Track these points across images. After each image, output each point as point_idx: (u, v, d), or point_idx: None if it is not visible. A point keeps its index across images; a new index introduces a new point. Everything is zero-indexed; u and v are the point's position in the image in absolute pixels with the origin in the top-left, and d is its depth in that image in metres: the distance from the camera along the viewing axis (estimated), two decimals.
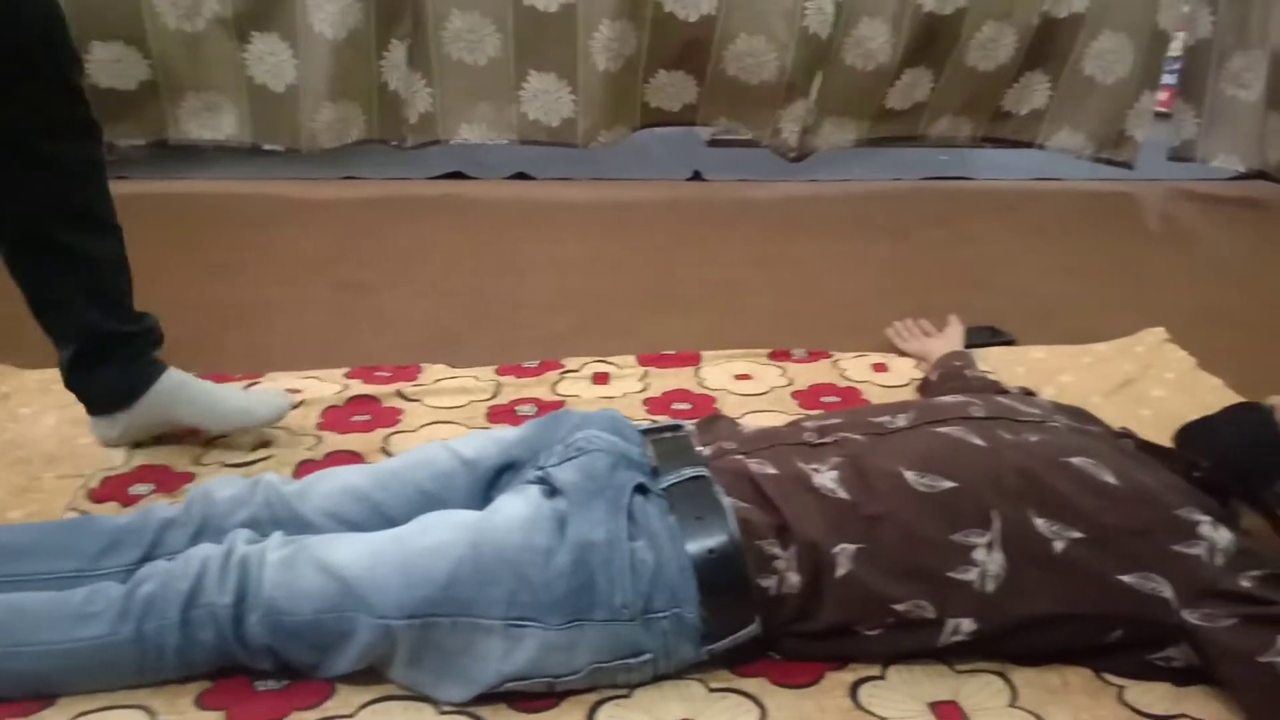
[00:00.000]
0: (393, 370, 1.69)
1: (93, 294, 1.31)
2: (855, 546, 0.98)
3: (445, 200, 2.99)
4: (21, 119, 1.19)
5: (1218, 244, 2.91)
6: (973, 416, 1.09)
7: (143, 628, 0.93)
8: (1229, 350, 1.89)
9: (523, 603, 0.93)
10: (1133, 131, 3.29)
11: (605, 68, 2.92)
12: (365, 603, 0.93)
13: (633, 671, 0.97)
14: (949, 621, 0.99)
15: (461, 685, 0.94)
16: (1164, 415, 1.58)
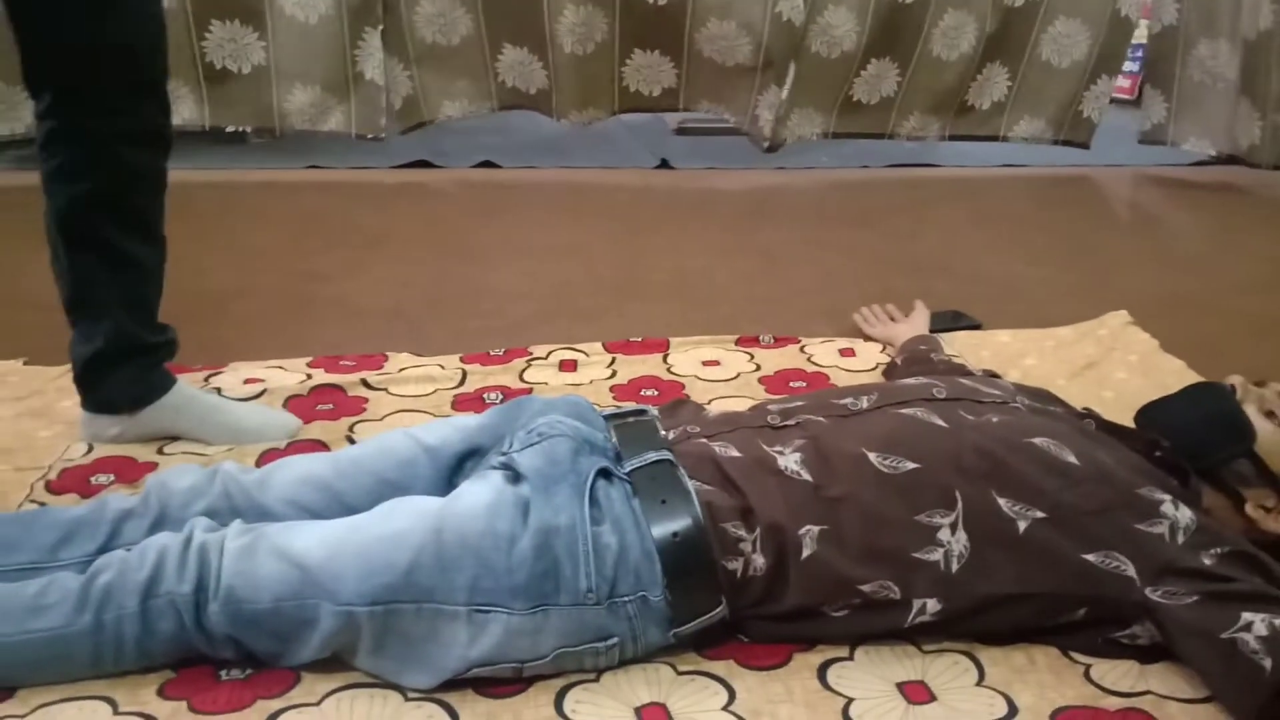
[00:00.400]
0: (357, 359, 1.67)
1: (129, 299, 1.33)
2: (819, 528, 0.98)
3: (409, 189, 2.96)
4: (112, 122, 1.21)
5: (1183, 228, 2.94)
6: (935, 398, 1.10)
7: (101, 618, 0.91)
8: (1191, 333, 1.91)
9: (486, 589, 0.92)
10: (1089, 113, 3.34)
11: (573, 50, 2.92)
12: (326, 590, 0.92)
13: (600, 656, 0.96)
14: (915, 602, 0.99)
15: (427, 672, 0.93)
16: (1126, 396, 1.60)
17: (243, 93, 2.83)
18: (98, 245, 1.28)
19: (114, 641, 0.92)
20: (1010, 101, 3.33)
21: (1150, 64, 3.48)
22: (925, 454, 1.01)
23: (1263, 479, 1.08)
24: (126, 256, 1.30)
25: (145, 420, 1.38)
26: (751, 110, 3.02)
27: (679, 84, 3.06)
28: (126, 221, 1.29)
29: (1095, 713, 0.95)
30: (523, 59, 2.98)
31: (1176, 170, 3.47)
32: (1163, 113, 3.43)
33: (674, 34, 2.95)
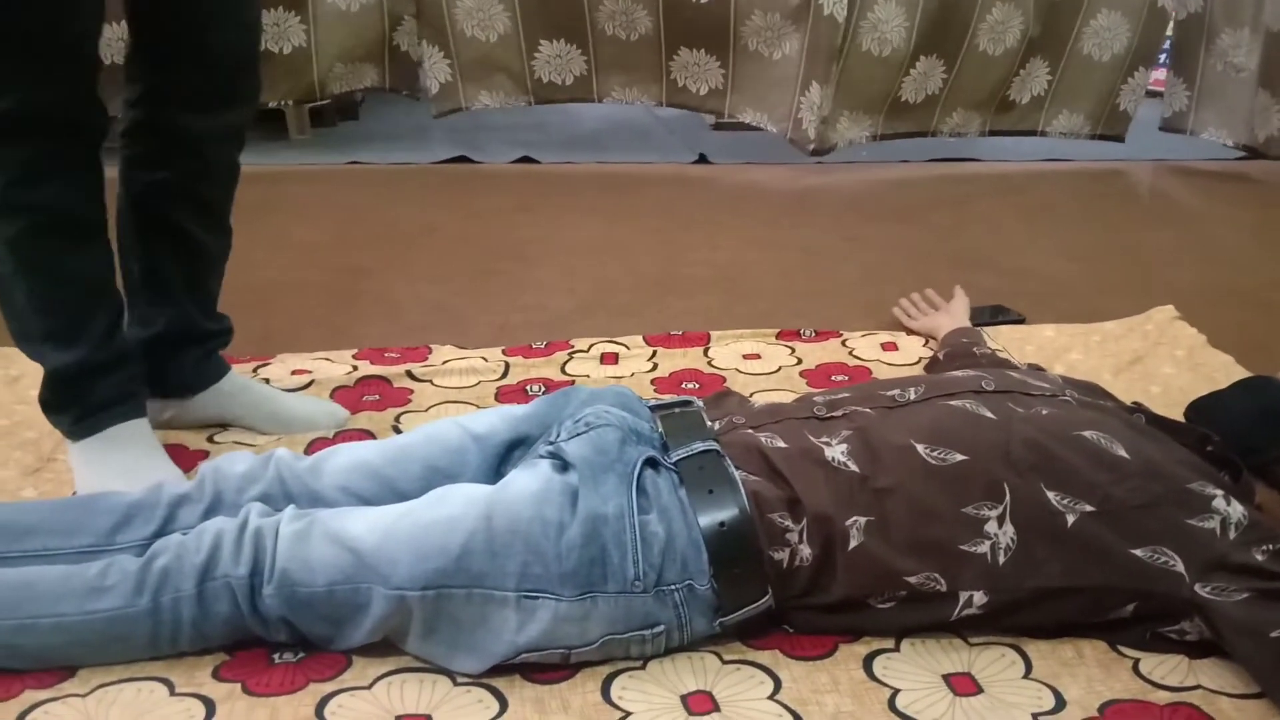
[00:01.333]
0: (401, 351, 1.69)
1: (193, 286, 1.37)
2: (866, 519, 0.98)
3: (449, 183, 2.98)
4: (200, 120, 1.26)
5: (1221, 222, 2.90)
6: (984, 390, 1.09)
7: (158, 600, 0.93)
8: (1236, 327, 1.89)
9: (535, 575, 0.93)
10: (1126, 105, 3.32)
11: (615, 34, 2.95)
12: (379, 574, 0.93)
13: (646, 643, 0.97)
14: (961, 595, 0.99)
15: (476, 657, 0.94)
16: (1173, 391, 1.58)
17: (283, 71, 2.90)
18: (169, 232, 1.32)
19: (171, 623, 0.94)
20: (1050, 96, 3.30)
21: (1174, 52, 3.45)
22: (974, 446, 1.01)
23: None
24: (195, 244, 1.34)
25: (198, 406, 1.41)
26: (794, 114, 3.01)
27: (726, 86, 3.07)
28: (199, 211, 1.33)
29: (1144, 706, 0.94)
30: (560, 51, 3.01)
31: (1210, 164, 3.43)
32: (1184, 100, 3.40)
33: (719, 25, 2.97)
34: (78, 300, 1.21)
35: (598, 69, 3.06)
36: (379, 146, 3.31)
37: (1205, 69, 3.33)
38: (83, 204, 1.17)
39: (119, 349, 1.26)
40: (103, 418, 1.26)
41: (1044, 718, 0.93)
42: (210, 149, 1.30)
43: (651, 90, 3.11)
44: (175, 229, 1.32)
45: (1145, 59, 3.28)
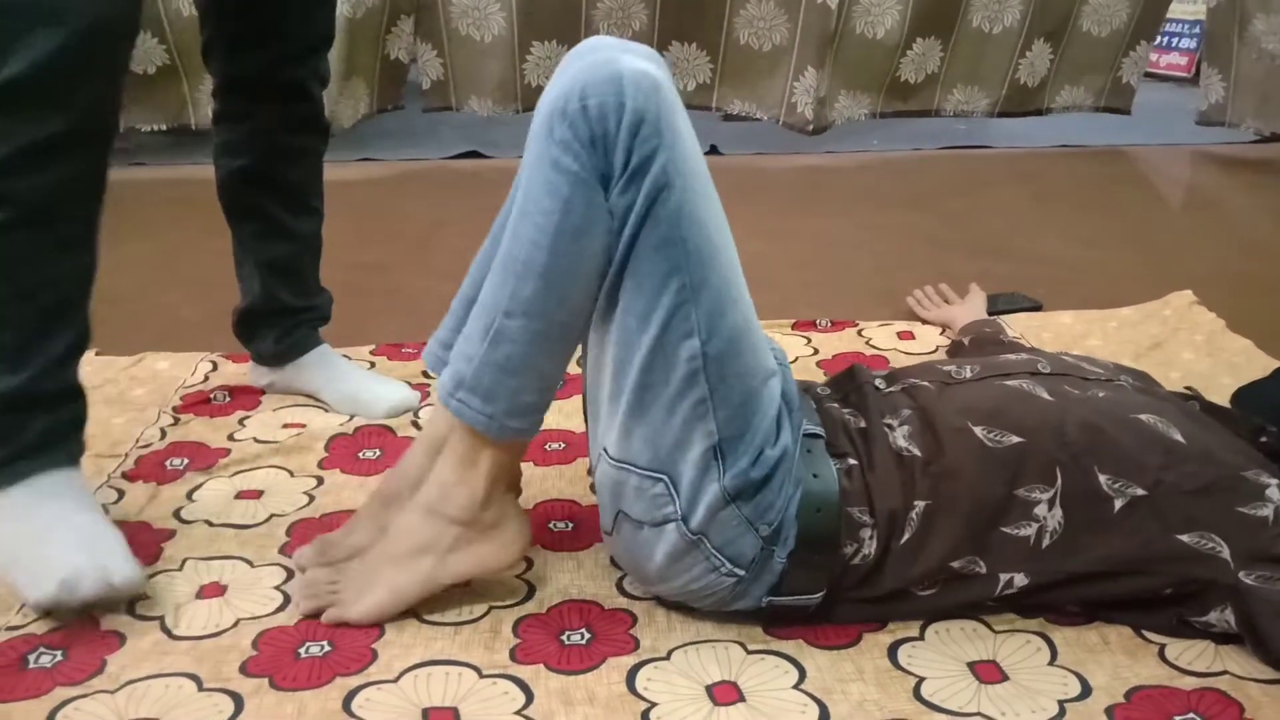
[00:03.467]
0: (418, 347, 1.69)
1: (276, 264, 1.44)
2: (924, 503, 0.98)
3: (461, 179, 2.98)
4: (275, 110, 1.34)
5: (1240, 207, 2.88)
6: (1039, 372, 1.08)
7: None
8: (1253, 313, 1.87)
9: (733, 451, 0.93)
10: (1129, 79, 3.33)
11: (609, 32, 2.94)
12: None
13: (716, 584, 0.97)
14: (1001, 576, 0.98)
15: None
16: (1193, 377, 1.57)
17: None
18: (253, 214, 1.41)
19: None
20: (1053, 73, 3.31)
21: (1208, 42, 3.41)
22: (1030, 427, 0.99)
23: None
24: (278, 226, 1.42)
25: (289, 375, 1.50)
26: (787, 99, 3.02)
27: (714, 79, 3.07)
28: (280, 195, 1.41)
29: (1171, 692, 0.94)
30: (552, 53, 3.00)
31: (1231, 148, 3.40)
32: (1220, 92, 3.36)
33: (712, 18, 2.96)
34: (40, 313, 1.04)
35: None
36: (390, 143, 3.31)
37: (1240, 58, 3.30)
38: (74, 206, 1.03)
39: (68, 381, 1.09)
40: (34, 462, 1.05)
41: (1070, 704, 0.92)
42: (286, 139, 1.36)
43: None
44: (258, 212, 1.40)
45: (1146, 33, 3.29)
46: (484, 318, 0.94)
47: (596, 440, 1.00)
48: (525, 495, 1.25)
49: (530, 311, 0.92)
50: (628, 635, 1.00)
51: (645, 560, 0.98)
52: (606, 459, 0.97)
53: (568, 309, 0.93)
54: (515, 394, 0.94)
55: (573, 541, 1.16)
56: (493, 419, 0.95)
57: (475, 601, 1.04)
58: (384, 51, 2.97)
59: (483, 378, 0.94)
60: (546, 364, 0.95)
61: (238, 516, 1.21)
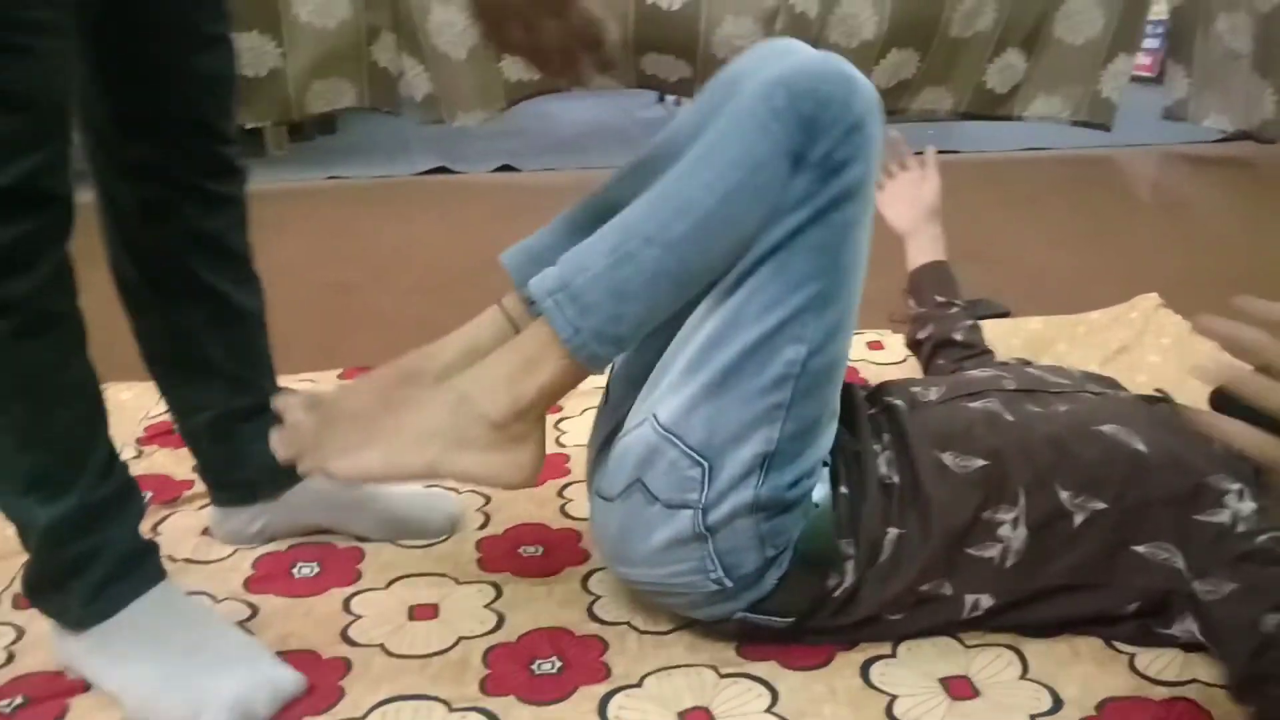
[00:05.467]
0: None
1: (240, 348, 1.16)
2: (897, 531, 0.98)
3: (431, 196, 2.98)
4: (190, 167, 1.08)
5: (1207, 208, 2.91)
6: (1004, 389, 1.09)
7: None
8: (1221, 313, 1.88)
9: (781, 466, 0.93)
10: (1109, 94, 3.31)
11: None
12: None
13: (698, 579, 0.96)
14: (967, 599, 0.98)
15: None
16: (1160, 380, 1.58)
17: (262, 92, 2.88)
18: (193, 295, 1.13)
19: None
20: (1025, 81, 3.31)
21: (1172, 38, 3.45)
22: (995, 450, 0.99)
23: None
24: (228, 301, 1.15)
25: (295, 505, 1.19)
26: None
27: (694, 76, 3.07)
28: (219, 261, 1.14)
29: (1142, 703, 0.94)
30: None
31: (1197, 148, 3.43)
32: (1184, 88, 3.39)
33: (689, 35, 2.96)
34: (75, 424, 0.93)
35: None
36: (358, 160, 3.30)
37: (1203, 55, 3.33)
38: (71, 297, 0.90)
39: (122, 480, 0.97)
40: (125, 584, 0.95)
41: (1042, 718, 0.92)
42: (210, 185, 1.11)
43: (623, 78, 3.11)
44: (207, 292, 1.12)
45: (1125, 45, 3.28)
46: (616, 236, 0.90)
47: (643, 404, 0.97)
48: (494, 520, 1.25)
49: (671, 248, 0.88)
50: (600, 662, 1.00)
51: (639, 538, 0.97)
52: (653, 424, 0.94)
53: (705, 261, 0.90)
54: (612, 320, 0.89)
55: (544, 566, 1.15)
56: (579, 333, 0.89)
57: (443, 632, 1.03)
58: (371, 59, 2.97)
59: (592, 290, 0.89)
60: (656, 305, 0.91)
61: (201, 551, 1.19)
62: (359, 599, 1.10)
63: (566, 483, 1.34)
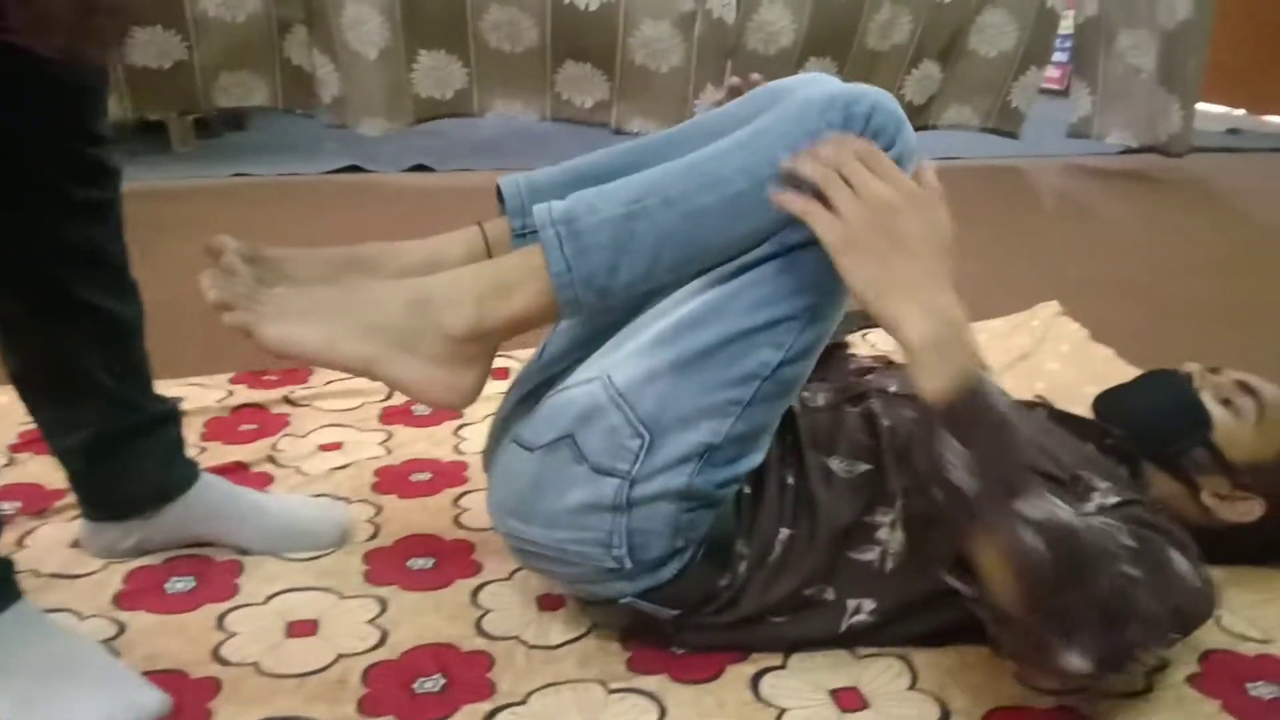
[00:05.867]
0: (281, 374, 1.63)
1: (121, 364, 1.10)
2: (789, 532, 0.97)
3: (341, 195, 2.90)
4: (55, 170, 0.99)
5: (1111, 217, 2.98)
6: (886, 391, 1.09)
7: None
8: (1120, 320, 1.94)
9: (718, 462, 0.92)
10: (1018, 103, 3.39)
11: (498, 47, 2.90)
12: None
13: (598, 551, 0.92)
14: (849, 603, 0.98)
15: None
16: (1059, 388, 1.61)
17: (166, 84, 2.79)
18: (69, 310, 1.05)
19: None
20: (940, 92, 3.36)
21: (1076, 55, 3.53)
22: (877, 454, 1.00)
23: (1218, 467, 1.08)
24: (103, 313, 1.08)
25: (170, 522, 1.13)
26: (689, 116, 3.01)
27: (611, 97, 3.05)
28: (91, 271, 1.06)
29: (1027, 713, 0.94)
30: (439, 63, 2.94)
31: (1102, 159, 3.52)
32: (1089, 105, 3.48)
33: (605, 39, 2.94)
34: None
35: (479, 82, 3.00)
36: (267, 158, 3.21)
37: (1106, 72, 3.41)
38: None
39: None
40: None
41: None
42: (78, 191, 1.01)
43: (535, 104, 3.07)
44: (79, 305, 1.04)
45: (1037, 59, 3.36)
46: (636, 189, 0.88)
47: (596, 362, 0.93)
48: (383, 531, 1.21)
49: (690, 217, 0.87)
50: (485, 679, 0.96)
51: (551, 494, 0.92)
52: (606, 384, 0.90)
53: (717, 240, 0.88)
54: (607, 270, 0.86)
55: (433, 579, 1.12)
56: (569, 272, 0.86)
57: (322, 650, 0.99)
58: (284, 55, 2.89)
59: (597, 233, 0.86)
60: (653, 269, 0.88)
61: (70, 565, 1.13)
62: (235, 615, 1.05)
63: (464, 491, 1.30)
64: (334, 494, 1.29)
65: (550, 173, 1.02)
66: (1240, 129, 4.35)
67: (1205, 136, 3.97)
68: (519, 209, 0.99)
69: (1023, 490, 0.81)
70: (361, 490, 1.29)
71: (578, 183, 0.96)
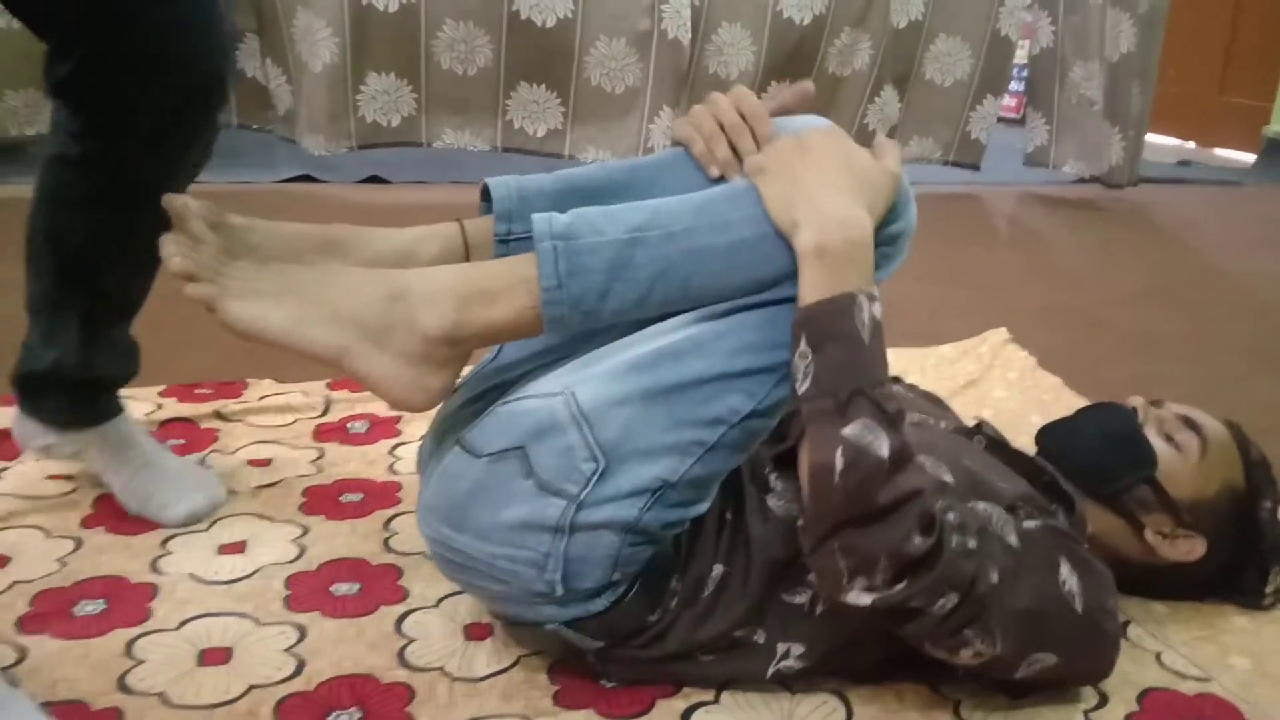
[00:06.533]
0: (215, 387, 1.57)
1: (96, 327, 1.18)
2: (722, 569, 0.94)
3: (293, 205, 2.85)
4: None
5: (1062, 245, 3.01)
6: None
7: None
8: (1067, 347, 1.94)
9: (670, 502, 0.89)
10: (977, 134, 3.40)
11: (450, 68, 2.85)
12: None
13: (531, 573, 0.88)
14: (778, 647, 0.95)
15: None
16: (1005, 415, 1.60)
17: None
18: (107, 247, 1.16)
19: None
20: (900, 122, 3.37)
21: (1031, 86, 3.57)
22: None
23: (1162, 505, 1.07)
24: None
25: (72, 444, 1.22)
26: (643, 143, 2.99)
27: (566, 124, 3.01)
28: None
29: None
30: (389, 87, 2.88)
31: (1057, 188, 3.56)
32: (1044, 135, 3.52)
33: (561, 58, 2.91)
34: None
35: (428, 107, 2.94)
36: (218, 164, 3.12)
37: (1061, 103, 3.45)
38: None
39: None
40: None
41: None
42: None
43: (485, 133, 3.02)
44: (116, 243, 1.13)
45: (993, 87, 3.37)
46: (641, 217, 0.86)
47: (562, 377, 0.90)
48: (309, 554, 1.17)
49: (691, 256, 0.85)
50: (403, 714, 0.92)
51: (490, 506, 0.88)
52: (569, 401, 0.86)
53: (713, 284, 0.87)
54: (598, 294, 0.84)
55: (357, 606, 1.07)
56: (560, 289, 0.84)
57: (233, 679, 0.95)
58: (237, 66, 2.82)
59: (594, 254, 0.84)
60: (644, 300, 0.86)
61: None
62: (144, 641, 1.00)
63: (396, 513, 1.26)
64: (260, 514, 1.24)
65: (542, 180, 0.99)
66: (1191, 161, 4.42)
67: (1156, 168, 4.04)
68: (508, 213, 0.96)
69: (853, 414, 0.81)
70: (288, 510, 1.25)
71: (569, 194, 0.95)
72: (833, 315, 0.83)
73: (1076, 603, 0.90)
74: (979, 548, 0.85)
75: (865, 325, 0.84)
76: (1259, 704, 0.99)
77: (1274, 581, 1.13)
